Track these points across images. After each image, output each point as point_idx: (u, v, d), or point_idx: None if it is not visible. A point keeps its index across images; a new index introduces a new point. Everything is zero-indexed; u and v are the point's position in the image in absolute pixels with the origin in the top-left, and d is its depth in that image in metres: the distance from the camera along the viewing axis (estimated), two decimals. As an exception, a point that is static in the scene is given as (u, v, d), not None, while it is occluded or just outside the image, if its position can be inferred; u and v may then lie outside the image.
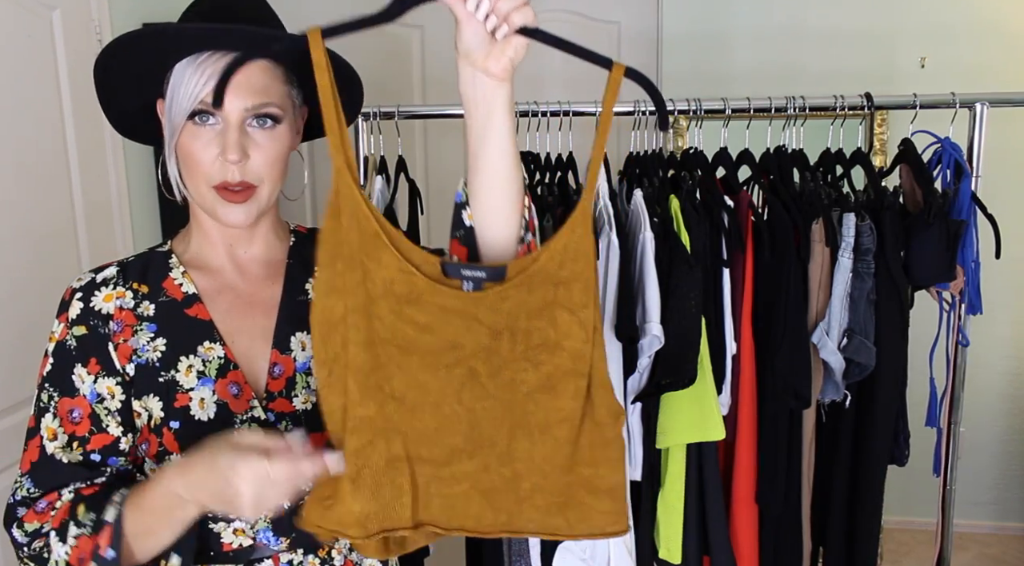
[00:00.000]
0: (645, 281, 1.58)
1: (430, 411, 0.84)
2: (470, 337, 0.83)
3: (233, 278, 1.01)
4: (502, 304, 0.83)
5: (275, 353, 0.98)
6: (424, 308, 0.82)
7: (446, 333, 0.82)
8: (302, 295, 1.02)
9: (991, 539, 3.00)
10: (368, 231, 0.80)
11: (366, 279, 0.81)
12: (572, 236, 0.83)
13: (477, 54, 0.77)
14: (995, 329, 2.87)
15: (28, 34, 1.98)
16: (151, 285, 0.98)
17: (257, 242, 1.02)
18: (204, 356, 0.95)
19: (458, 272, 0.83)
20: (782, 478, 1.70)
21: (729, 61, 2.88)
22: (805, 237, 1.62)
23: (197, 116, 0.90)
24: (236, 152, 0.89)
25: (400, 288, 0.81)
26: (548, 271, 0.83)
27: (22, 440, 0.95)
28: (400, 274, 0.81)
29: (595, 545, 1.63)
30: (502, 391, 0.84)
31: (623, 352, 1.61)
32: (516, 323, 0.83)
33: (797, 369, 1.63)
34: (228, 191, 0.92)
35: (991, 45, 2.76)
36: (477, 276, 0.83)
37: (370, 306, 0.81)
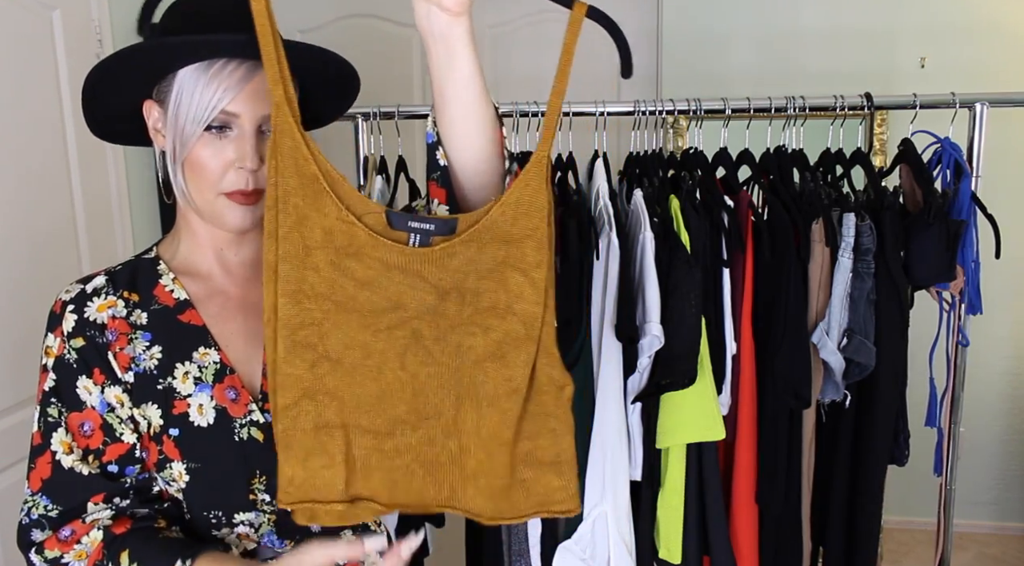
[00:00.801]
0: (645, 281, 1.58)
1: (371, 376, 0.78)
2: (414, 296, 0.77)
3: (223, 282, 1.00)
4: (449, 261, 0.77)
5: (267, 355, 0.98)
6: (365, 262, 0.76)
7: (388, 291, 0.77)
8: None
9: (991, 539, 3.00)
10: (307, 174, 0.75)
11: (301, 225, 0.75)
12: (525, 190, 0.78)
13: None
14: (995, 329, 2.87)
15: (28, 34, 1.98)
16: (141, 293, 0.97)
17: (246, 245, 1.02)
18: (200, 362, 0.94)
19: (405, 224, 0.77)
20: (782, 478, 1.70)
21: (729, 61, 2.88)
22: (805, 237, 1.62)
23: (212, 128, 0.89)
24: (254, 160, 0.89)
25: (340, 239, 0.75)
26: (499, 227, 0.78)
27: (22, 440, 0.94)
28: (340, 223, 0.75)
29: (595, 545, 1.64)
30: (449, 357, 0.79)
31: (623, 352, 1.61)
32: (464, 283, 0.78)
33: (797, 369, 1.63)
34: (241, 195, 0.91)
35: (991, 45, 2.76)
36: (425, 228, 0.77)
37: (305, 256, 0.76)
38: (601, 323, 1.60)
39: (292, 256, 0.75)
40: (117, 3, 2.29)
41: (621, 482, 1.62)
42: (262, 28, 0.76)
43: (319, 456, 0.79)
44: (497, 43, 3.09)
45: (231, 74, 0.88)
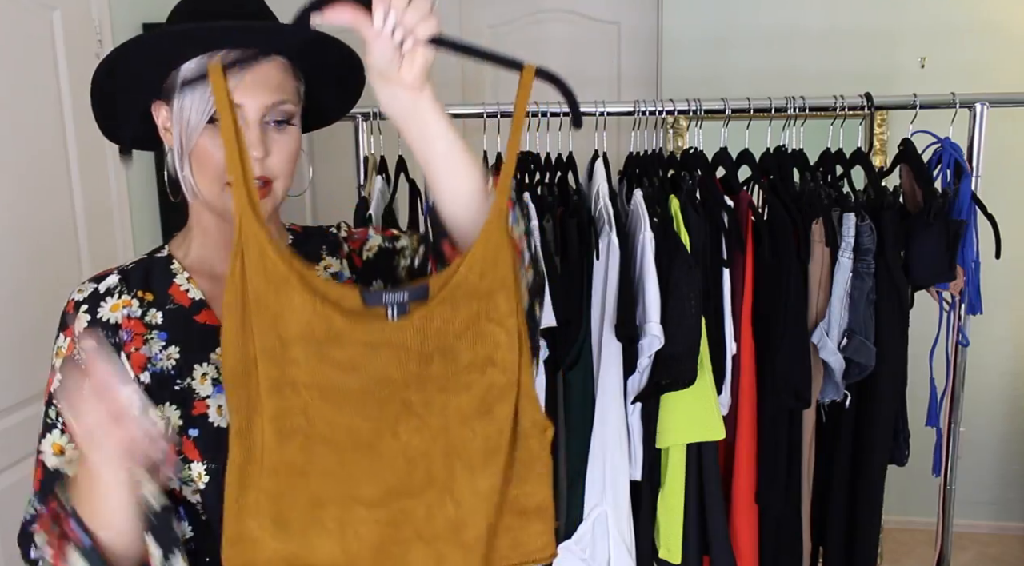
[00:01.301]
0: (645, 281, 1.58)
1: (363, 451, 0.79)
2: (399, 368, 0.79)
3: None
4: (428, 325, 0.79)
5: None
6: (346, 347, 0.77)
7: (374, 369, 0.78)
8: None
9: (991, 539, 3.00)
10: (276, 275, 0.76)
11: (276, 323, 0.77)
12: (488, 244, 0.80)
13: (390, 69, 0.77)
14: (995, 329, 2.86)
15: (28, 34, 1.98)
16: (156, 292, 0.96)
17: None
18: (217, 363, 0.93)
19: (380, 300, 0.79)
20: (782, 478, 1.70)
21: (729, 61, 2.88)
22: (805, 237, 1.62)
23: (218, 119, 0.88)
24: (260, 149, 0.89)
25: (318, 331, 0.77)
26: (470, 283, 0.80)
27: (22, 440, 0.94)
28: (316, 316, 0.77)
29: (595, 545, 1.64)
30: (437, 419, 0.80)
31: (623, 352, 1.61)
32: (445, 343, 0.80)
33: (797, 369, 1.63)
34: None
35: (991, 45, 2.76)
36: (400, 300, 0.79)
37: (283, 351, 0.77)
38: (601, 323, 1.60)
39: (269, 352, 0.77)
40: (117, 3, 2.29)
41: (621, 482, 1.62)
42: (222, 110, 0.77)
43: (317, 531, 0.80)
44: (497, 43, 3.09)
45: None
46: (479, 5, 3.07)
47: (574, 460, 1.66)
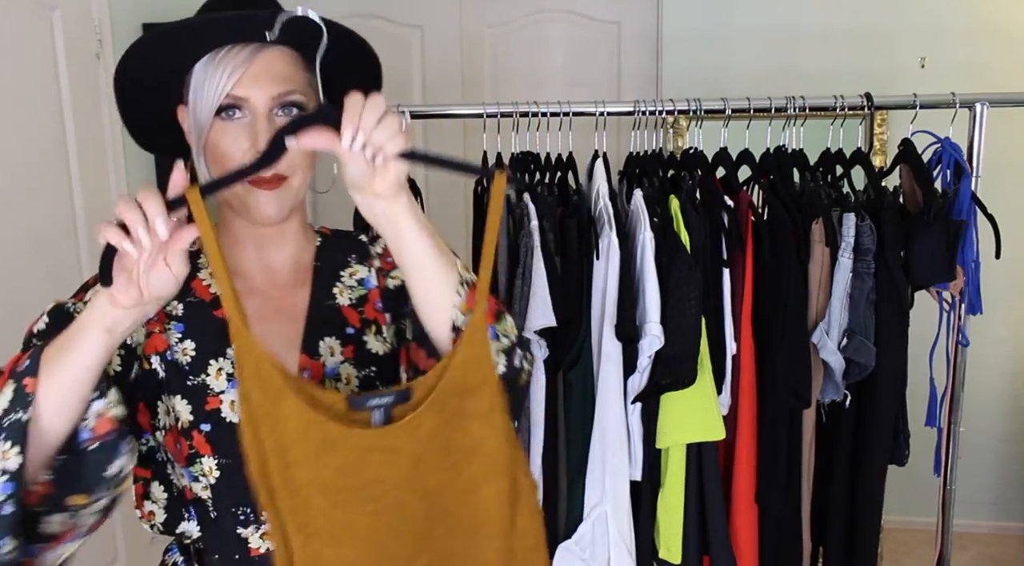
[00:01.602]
0: (645, 281, 1.58)
1: (362, 545, 0.85)
2: (391, 470, 0.84)
3: (262, 283, 0.99)
4: (418, 431, 0.84)
5: (304, 358, 0.96)
6: (341, 453, 0.82)
7: (368, 472, 0.83)
8: (330, 299, 1.00)
9: (991, 539, 3.00)
10: (272, 388, 0.81)
11: (275, 430, 0.81)
12: (470, 348, 0.86)
13: (364, 182, 0.79)
14: (995, 329, 2.87)
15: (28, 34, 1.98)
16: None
17: (287, 243, 1.01)
18: (232, 357, 0.93)
19: (364, 404, 0.84)
20: (782, 478, 1.70)
21: (729, 61, 2.88)
22: (805, 237, 1.62)
23: (224, 111, 0.90)
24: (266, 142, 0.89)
25: (313, 438, 0.81)
26: (455, 385, 0.85)
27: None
28: (310, 424, 0.81)
29: (595, 545, 1.64)
30: (430, 507, 0.86)
31: (623, 352, 1.61)
32: (434, 443, 0.85)
33: (797, 369, 1.63)
34: (262, 181, 0.90)
35: (991, 45, 2.76)
36: (384, 403, 0.84)
37: (284, 453, 0.82)
38: (601, 323, 1.60)
39: (274, 456, 0.82)
40: (117, 3, 2.29)
41: (621, 482, 1.62)
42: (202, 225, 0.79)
43: None
44: (497, 43, 3.09)
45: (235, 56, 0.89)
46: (479, 5, 3.07)
47: (574, 460, 1.66)
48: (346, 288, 1.02)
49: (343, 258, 1.05)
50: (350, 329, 0.99)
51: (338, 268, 1.03)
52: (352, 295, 1.02)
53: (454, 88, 3.08)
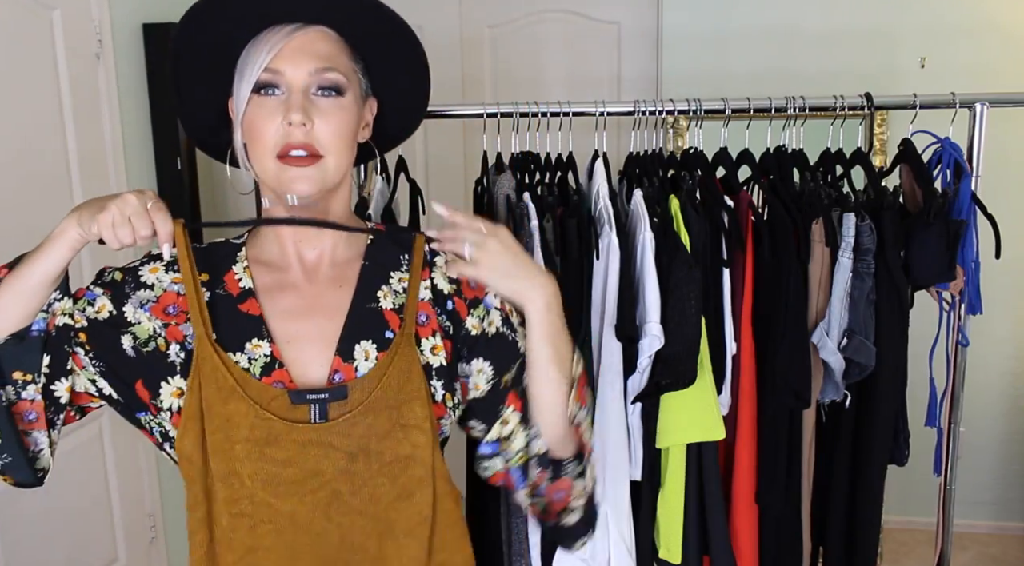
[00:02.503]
0: (645, 281, 1.58)
1: (302, 531, 0.93)
2: (329, 463, 0.92)
3: (298, 277, 0.99)
4: (352, 429, 0.92)
5: (337, 360, 0.95)
6: (283, 446, 0.91)
7: (307, 464, 0.92)
8: (372, 302, 0.99)
9: (991, 539, 3.00)
10: (226, 386, 0.90)
11: (226, 426, 0.90)
12: (402, 362, 0.95)
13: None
14: (995, 329, 2.86)
15: (28, 34, 1.98)
16: (212, 274, 0.97)
17: (326, 239, 0.99)
18: (251, 353, 0.94)
19: (303, 398, 0.92)
20: (782, 478, 1.70)
21: (729, 61, 2.88)
22: (805, 237, 1.62)
23: (262, 89, 0.91)
24: (299, 112, 0.89)
25: (259, 433, 0.90)
26: (388, 397, 0.93)
27: None
28: (258, 420, 0.90)
29: (595, 545, 1.63)
30: (366, 505, 0.94)
31: (623, 352, 1.61)
32: (369, 444, 0.93)
33: (797, 369, 1.63)
34: (292, 157, 0.91)
35: (991, 45, 2.76)
36: (321, 398, 0.92)
37: (230, 449, 0.90)
38: (601, 323, 1.60)
39: (220, 451, 0.91)
40: (117, 3, 2.29)
41: (621, 482, 1.62)
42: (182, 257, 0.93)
43: None
44: (497, 43, 3.09)
45: (276, 33, 0.91)
46: (479, 5, 3.07)
47: (574, 460, 1.66)
48: (391, 292, 1.00)
49: (395, 256, 1.03)
50: (388, 333, 0.98)
51: (388, 267, 1.02)
52: (397, 300, 1.00)
53: (454, 88, 3.08)
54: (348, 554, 0.95)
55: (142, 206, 0.87)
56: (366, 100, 1.00)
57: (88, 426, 2.17)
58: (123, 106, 2.33)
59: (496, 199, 1.67)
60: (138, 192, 0.89)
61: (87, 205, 0.89)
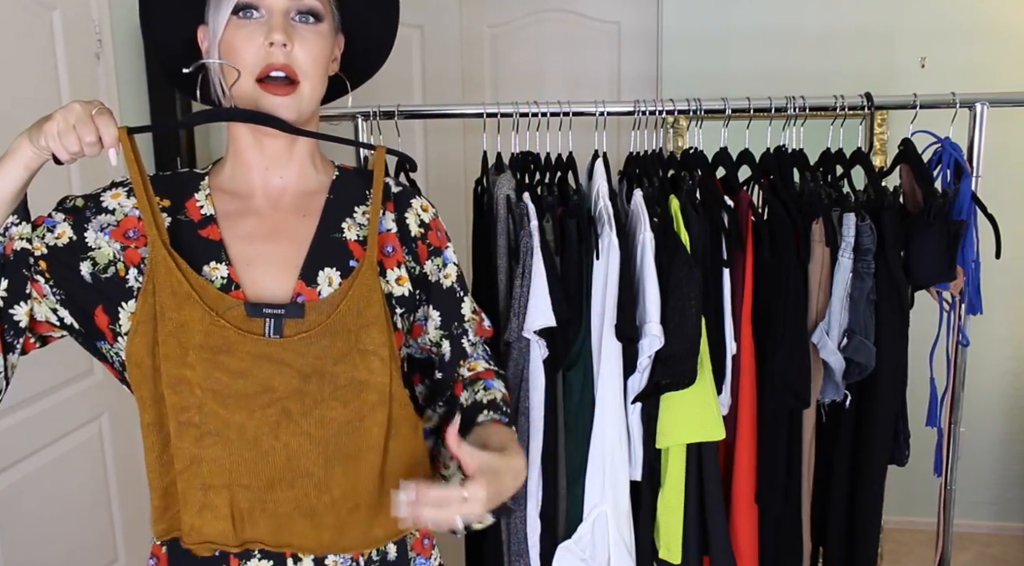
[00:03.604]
0: (645, 281, 1.58)
1: (248, 446, 0.92)
2: (281, 380, 0.92)
3: (262, 204, 1.00)
4: (308, 349, 0.92)
5: (300, 284, 0.97)
6: (237, 356, 0.90)
7: (259, 377, 0.91)
8: (336, 232, 1.01)
9: (991, 539, 3.00)
10: (181, 292, 0.90)
11: (179, 332, 0.90)
12: (362, 287, 0.95)
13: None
14: (995, 329, 2.86)
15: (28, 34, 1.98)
16: (174, 200, 0.98)
17: (293, 167, 1.01)
18: (208, 275, 0.94)
19: (260, 311, 0.92)
20: (782, 478, 1.70)
21: (729, 61, 2.88)
22: (805, 237, 1.62)
23: (241, 11, 0.92)
24: (281, 32, 0.91)
25: (214, 340, 0.90)
26: (346, 321, 0.94)
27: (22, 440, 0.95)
28: (213, 327, 0.90)
29: (595, 545, 1.64)
30: (315, 428, 0.93)
31: (623, 352, 1.61)
32: (323, 367, 0.93)
33: (797, 369, 1.63)
34: (272, 81, 0.92)
35: (991, 45, 2.76)
36: (277, 313, 0.92)
37: (183, 356, 0.90)
38: (601, 323, 1.60)
39: (171, 357, 0.90)
40: (117, 3, 2.28)
41: (621, 482, 1.62)
42: (129, 161, 0.92)
43: (210, 510, 0.94)
44: (497, 43, 3.09)
45: None
46: (479, 5, 3.07)
47: (574, 460, 1.66)
48: (355, 224, 1.02)
49: (360, 192, 1.05)
50: (352, 262, 1.00)
51: (353, 203, 1.04)
52: (361, 232, 1.02)
53: (454, 88, 3.08)
54: (292, 476, 0.94)
55: (86, 113, 0.87)
56: (336, 34, 1.02)
57: (88, 426, 2.17)
58: (123, 106, 2.33)
59: (496, 199, 1.67)
60: (84, 101, 0.89)
61: (38, 121, 0.90)
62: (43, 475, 2.01)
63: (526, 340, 1.59)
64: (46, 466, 2.02)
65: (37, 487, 1.99)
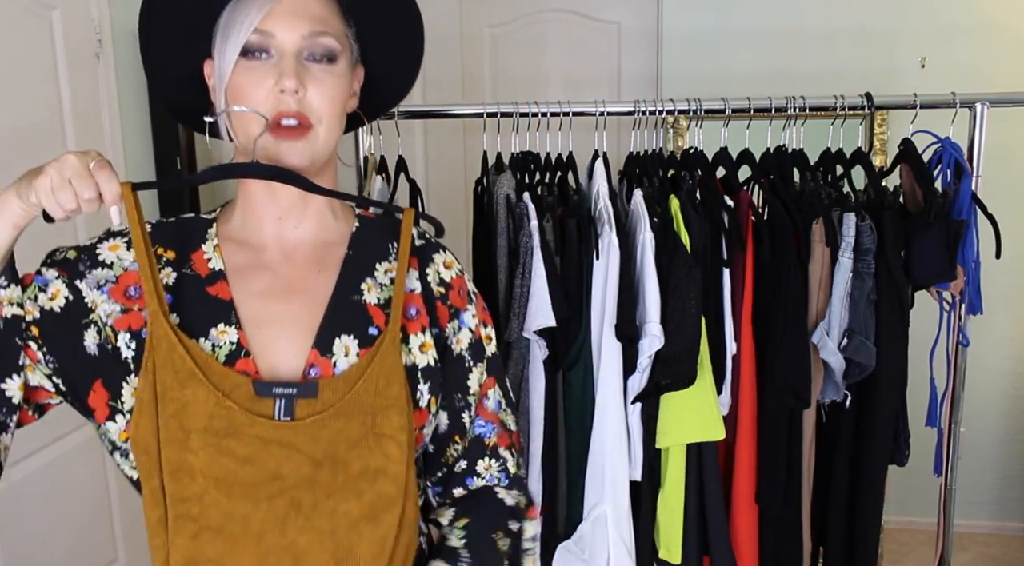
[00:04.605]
0: (645, 281, 1.58)
1: (251, 544, 0.82)
2: (291, 467, 0.82)
3: (275, 258, 0.91)
4: (320, 433, 0.83)
5: (315, 353, 0.87)
6: (243, 440, 0.81)
7: (267, 464, 0.82)
8: (356, 294, 0.91)
9: (991, 539, 3.00)
10: (184, 370, 0.81)
11: (181, 414, 0.81)
12: (384, 364, 0.86)
13: None
14: (995, 329, 2.86)
15: (28, 34, 1.98)
16: (180, 252, 0.89)
17: (310, 217, 0.92)
18: (215, 340, 0.85)
19: (269, 390, 0.83)
20: (782, 478, 1.70)
21: (729, 61, 2.88)
22: (805, 237, 1.62)
23: (250, 52, 0.84)
24: (293, 78, 0.83)
25: (219, 423, 0.81)
26: (364, 401, 0.84)
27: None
28: (218, 409, 0.81)
29: (595, 545, 1.63)
30: (325, 522, 0.84)
31: (623, 352, 1.61)
32: (336, 452, 0.84)
33: (797, 369, 1.63)
34: (283, 128, 0.84)
35: (991, 45, 2.76)
36: (288, 393, 0.83)
37: (184, 440, 0.81)
38: (601, 323, 1.60)
39: (173, 441, 0.81)
40: (117, 3, 2.28)
41: (621, 482, 1.62)
42: (132, 221, 0.83)
43: None
44: (497, 43, 3.09)
45: None
46: (479, 5, 3.07)
47: (574, 460, 1.66)
48: (376, 285, 0.93)
49: (383, 245, 0.96)
50: (372, 329, 0.90)
51: (373, 257, 0.94)
52: (382, 294, 0.92)
53: (454, 88, 3.08)
54: None
55: (83, 167, 0.79)
56: (355, 68, 0.94)
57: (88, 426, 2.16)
58: (123, 106, 2.33)
59: (496, 199, 1.67)
60: (79, 152, 0.80)
61: (26, 173, 0.82)
62: (43, 475, 2.01)
63: (526, 340, 1.59)
64: (46, 466, 2.02)
65: (37, 487, 1.98)
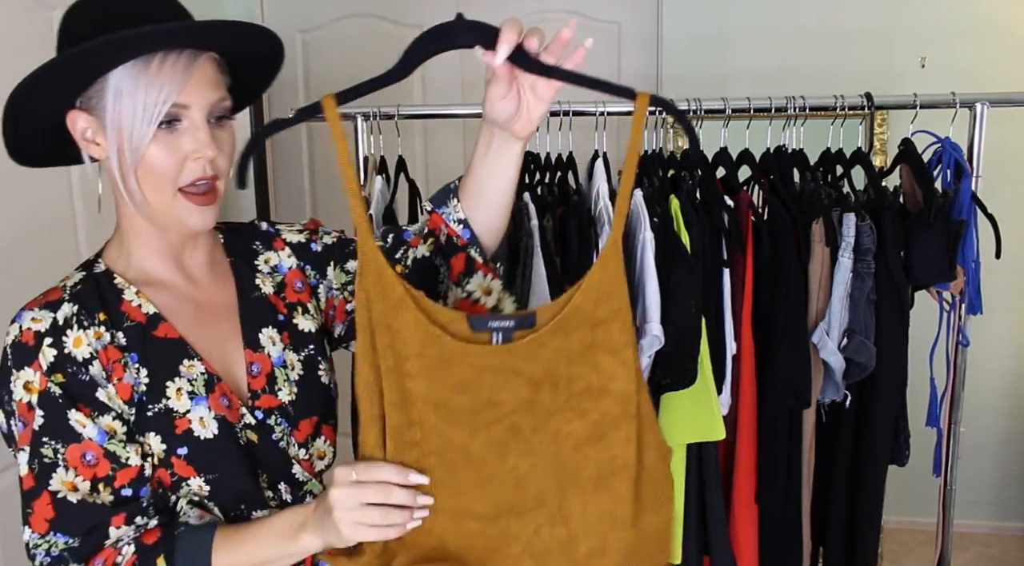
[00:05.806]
0: (645, 281, 1.58)
1: (472, 468, 0.81)
2: (509, 392, 0.80)
3: (187, 288, 0.97)
4: (539, 352, 0.79)
5: (248, 353, 0.97)
6: (457, 369, 0.79)
7: (483, 391, 0.79)
8: (256, 291, 1.02)
9: (991, 539, 2.99)
10: (394, 297, 0.79)
11: (395, 342, 0.79)
12: (605, 272, 0.80)
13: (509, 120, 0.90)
14: (995, 329, 2.86)
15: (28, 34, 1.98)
16: (110, 311, 0.92)
17: (201, 245, 1.00)
18: (188, 375, 0.92)
19: (485, 324, 0.80)
20: (782, 478, 1.70)
21: (729, 61, 2.88)
22: (805, 237, 1.62)
23: (163, 123, 0.86)
24: (213, 148, 0.88)
25: (431, 351, 0.79)
26: (584, 312, 0.80)
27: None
28: (429, 336, 0.79)
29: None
30: (548, 445, 0.80)
31: (623, 352, 1.60)
32: (556, 370, 0.80)
33: (797, 369, 1.63)
34: (195, 194, 0.89)
35: (991, 45, 2.76)
36: (506, 326, 0.80)
37: (401, 367, 0.79)
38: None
39: (391, 370, 0.79)
40: (117, 3, 2.28)
41: (621, 482, 1.62)
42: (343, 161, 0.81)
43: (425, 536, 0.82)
44: (497, 43, 3.09)
45: (174, 66, 0.85)
46: (479, 5, 3.07)
47: (574, 460, 1.66)
48: (266, 277, 1.03)
49: (248, 247, 1.06)
50: (280, 315, 1.01)
51: (250, 258, 1.04)
52: (272, 282, 1.03)
53: (454, 88, 3.08)
54: (521, 506, 0.81)
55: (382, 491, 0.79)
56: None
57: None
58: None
59: (496, 199, 1.67)
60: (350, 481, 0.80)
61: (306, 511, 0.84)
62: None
63: (526, 340, 1.59)
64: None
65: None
